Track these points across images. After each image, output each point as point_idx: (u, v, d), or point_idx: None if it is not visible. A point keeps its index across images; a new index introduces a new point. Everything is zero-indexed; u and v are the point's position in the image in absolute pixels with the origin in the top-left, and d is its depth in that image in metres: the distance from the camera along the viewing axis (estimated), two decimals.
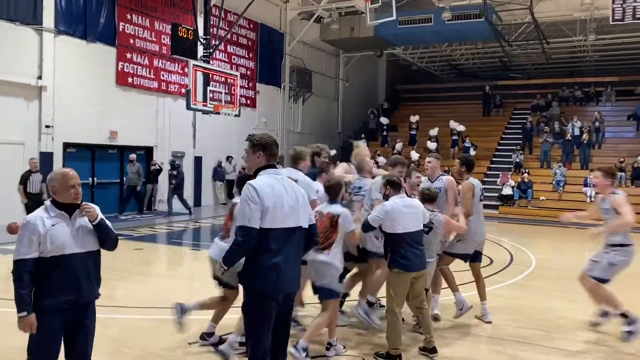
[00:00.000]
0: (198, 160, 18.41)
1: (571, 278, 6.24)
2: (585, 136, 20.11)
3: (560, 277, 8.44)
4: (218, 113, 14.76)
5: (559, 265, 9.93)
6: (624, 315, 5.31)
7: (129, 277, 7.88)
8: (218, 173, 18.85)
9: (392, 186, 4.92)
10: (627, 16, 15.91)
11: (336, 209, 4.71)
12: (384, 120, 25.04)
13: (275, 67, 22.09)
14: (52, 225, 3.18)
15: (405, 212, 4.77)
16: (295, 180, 3.82)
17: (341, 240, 4.69)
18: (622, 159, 18.96)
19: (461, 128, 22.25)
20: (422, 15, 20.16)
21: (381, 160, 21.20)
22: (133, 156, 15.47)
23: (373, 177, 5.79)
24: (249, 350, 3.34)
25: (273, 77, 21.98)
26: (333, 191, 4.79)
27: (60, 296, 3.16)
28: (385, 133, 24.61)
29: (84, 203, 3.31)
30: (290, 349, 3.97)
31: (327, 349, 4.82)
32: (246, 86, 20.28)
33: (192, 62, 13.63)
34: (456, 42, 24.49)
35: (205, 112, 15.01)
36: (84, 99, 14.46)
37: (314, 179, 5.31)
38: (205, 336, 4.97)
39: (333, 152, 22.81)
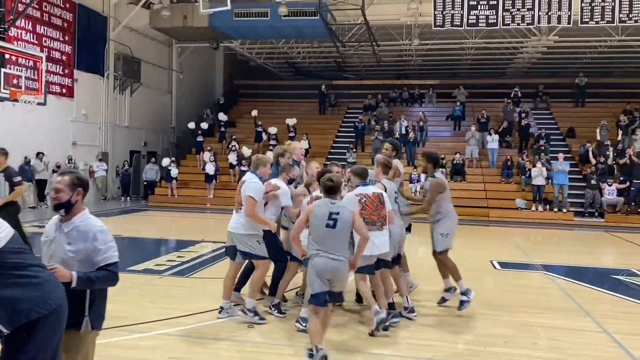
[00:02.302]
0: None
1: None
2: (411, 135, 21.38)
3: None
4: (16, 100, 12.56)
5: None
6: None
7: None
8: (26, 172, 16.17)
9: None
10: (447, 23, 17.10)
11: (376, 188, 5.51)
12: (222, 116, 24.08)
13: (97, 54, 19.89)
14: None
15: None
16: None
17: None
18: (443, 156, 20.45)
19: (293, 121, 22.59)
20: (258, 9, 19.68)
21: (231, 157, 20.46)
22: None
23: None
24: None
25: (95, 64, 19.75)
26: (364, 174, 5.48)
27: None
28: (223, 129, 23.70)
29: None
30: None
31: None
32: (61, 73, 17.90)
33: None
34: (293, 39, 24.46)
35: None
36: None
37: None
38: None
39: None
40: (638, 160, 17.58)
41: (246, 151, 20.48)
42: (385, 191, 5.64)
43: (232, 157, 20.34)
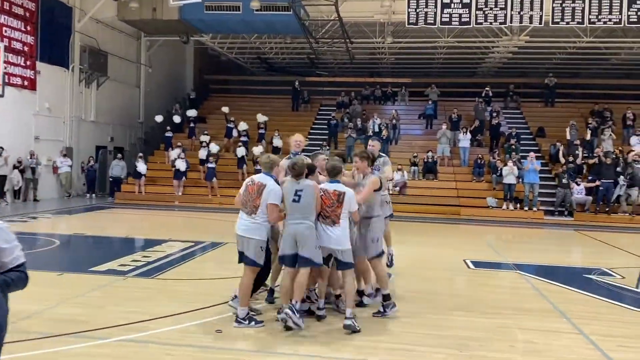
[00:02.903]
0: None
1: None
2: (384, 132, 21.29)
3: None
4: None
5: None
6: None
7: None
8: None
9: None
10: (420, 21, 17.04)
11: (341, 187, 5.49)
12: (191, 112, 23.53)
13: (61, 46, 19.20)
14: None
15: None
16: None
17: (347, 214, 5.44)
18: (415, 154, 20.49)
19: (264, 118, 22.25)
20: (230, 2, 19.23)
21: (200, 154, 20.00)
22: None
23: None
24: None
25: (59, 56, 19.06)
26: (333, 171, 5.53)
27: None
28: (193, 125, 23.17)
29: None
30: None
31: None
32: (23, 64, 17.19)
33: None
34: (265, 34, 24.09)
35: None
36: None
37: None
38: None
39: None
40: (606, 160, 17.85)
41: (214, 147, 20.11)
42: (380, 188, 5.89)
43: (202, 154, 19.92)
